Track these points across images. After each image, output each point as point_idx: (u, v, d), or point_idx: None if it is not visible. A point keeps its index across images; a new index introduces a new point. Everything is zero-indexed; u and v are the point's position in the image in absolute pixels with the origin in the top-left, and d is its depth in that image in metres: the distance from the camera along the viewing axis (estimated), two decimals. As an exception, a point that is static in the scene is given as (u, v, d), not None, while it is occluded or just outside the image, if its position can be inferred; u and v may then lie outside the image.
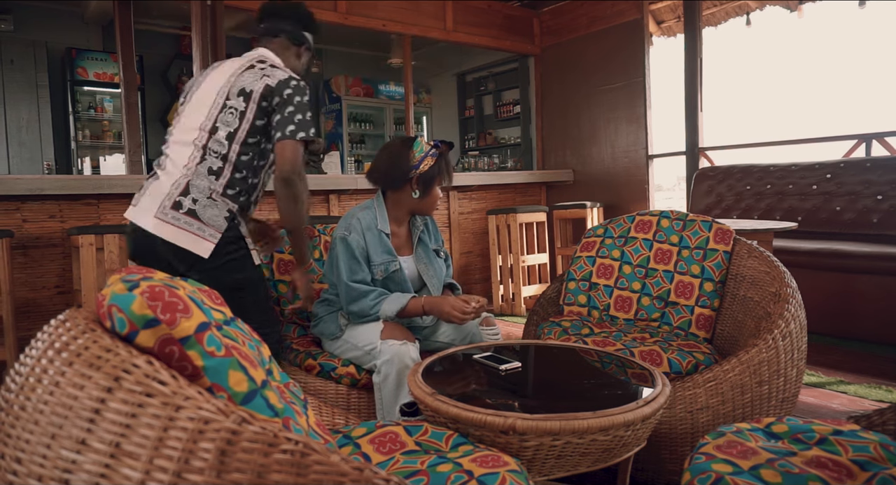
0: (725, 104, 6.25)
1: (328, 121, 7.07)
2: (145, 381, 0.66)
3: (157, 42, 5.87)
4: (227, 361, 0.80)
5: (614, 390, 1.49)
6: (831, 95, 6.16)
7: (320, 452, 0.63)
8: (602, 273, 2.35)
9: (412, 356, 1.74)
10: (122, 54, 4.23)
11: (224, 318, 0.92)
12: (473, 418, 1.22)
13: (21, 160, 5.23)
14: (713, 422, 1.63)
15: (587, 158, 5.16)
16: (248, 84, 1.71)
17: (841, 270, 3.15)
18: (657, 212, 2.38)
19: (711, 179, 4.25)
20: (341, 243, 1.88)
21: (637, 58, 4.72)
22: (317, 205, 3.82)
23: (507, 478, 1.03)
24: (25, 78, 5.22)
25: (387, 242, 1.92)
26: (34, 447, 0.67)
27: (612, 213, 4.77)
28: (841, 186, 3.60)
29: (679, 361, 1.81)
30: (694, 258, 2.18)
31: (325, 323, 1.97)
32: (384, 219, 1.93)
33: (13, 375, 0.75)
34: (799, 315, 1.77)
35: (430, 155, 1.89)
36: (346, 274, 1.86)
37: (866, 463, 1.01)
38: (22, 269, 2.86)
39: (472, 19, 5.09)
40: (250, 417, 0.65)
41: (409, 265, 1.99)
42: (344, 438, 1.22)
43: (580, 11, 5.12)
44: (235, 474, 0.60)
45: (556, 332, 2.11)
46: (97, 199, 3.03)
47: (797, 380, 1.75)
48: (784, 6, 4.21)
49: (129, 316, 0.75)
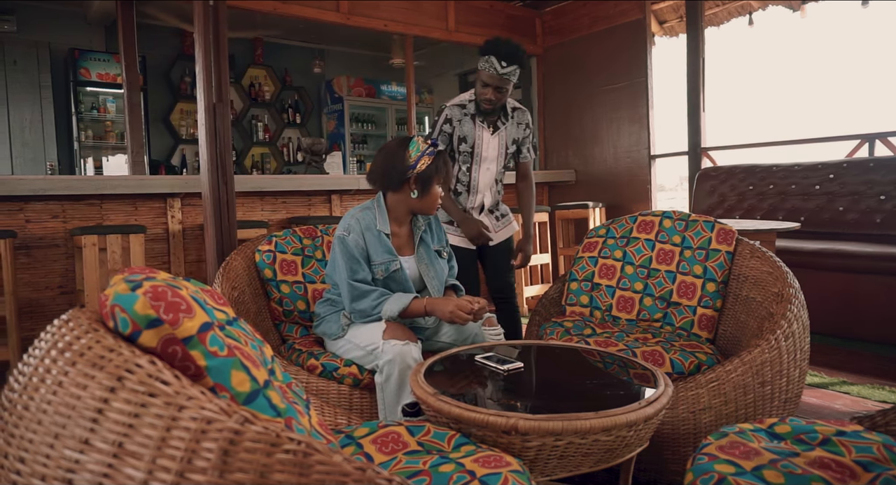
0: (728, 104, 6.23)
1: (330, 121, 7.07)
2: (148, 381, 0.66)
3: (160, 42, 5.88)
4: (229, 361, 0.80)
5: (617, 390, 1.49)
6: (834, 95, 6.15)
7: (323, 452, 0.63)
8: (604, 273, 2.34)
9: (414, 356, 1.74)
10: (125, 55, 4.25)
11: (226, 318, 0.92)
12: (476, 419, 1.22)
13: (24, 161, 5.24)
14: (716, 422, 1.63)
15: (589, 158, 5.16)
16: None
17: (844, 270, 3.14)
18: (659, 212, 2.38)
19: (714, 179, 4.24)
20: (340, 243, 1.89)
21: (639, 58, 4.71)
22: (318, 205, 3.83)
23: (510, 478, 1.03)
24: (28, 78, 5.23)
25: (387, 242, 1.92)
26: (38, 447, 0.67)
27: (614, 213, 4.77)
28: (844, 186, 3.60)
29: (681, 362, 1.81)
30: (696, 259, 2.18)
31: (327, 323, 1.97)
32: (384, 219, 1.93)
33: (17, 374, 0.75)
34: (802, 315, 1.77)
35: (426, 154, 1.89)
36: (347, 273, 1.86)
37: (869, 464, 1.01)
38: (25, 269, 2.87)
39: (474, 19, 5.09)
40: (253, 417, 0.65)
41: (411, 265, 1.98)
42: (346, 438, 1.22)
43: (582, 11, 5.12)
44: (238, 474, 0.60)
45: (558, 332, 2.11)
46: (100, 199, 3.04)
47: (800, 380, 1.75)
48: (787, 6, 4.20)
49: (132, 316, 0.75)
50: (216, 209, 2.35)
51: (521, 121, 2.59)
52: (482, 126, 2.50)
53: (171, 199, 3.22)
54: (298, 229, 2.33)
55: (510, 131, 2.56)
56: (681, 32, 4.69)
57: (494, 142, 2.52)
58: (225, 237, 2.37)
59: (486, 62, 2.32)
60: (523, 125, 2.59)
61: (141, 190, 3.04)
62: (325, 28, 5.31)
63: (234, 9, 4.10)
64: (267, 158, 6.75)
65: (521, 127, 2.59)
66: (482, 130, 2.50)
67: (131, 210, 3.14)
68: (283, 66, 6.85)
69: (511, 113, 2.56)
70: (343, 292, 1.89)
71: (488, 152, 2.52)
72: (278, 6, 4.17)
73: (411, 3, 4.74)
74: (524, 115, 2.61)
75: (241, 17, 5.26)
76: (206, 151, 2.34)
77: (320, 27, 5.17)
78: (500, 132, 2.53)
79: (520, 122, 2.58)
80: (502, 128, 2.54)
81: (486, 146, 2.51)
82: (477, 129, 2.50)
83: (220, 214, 2.36)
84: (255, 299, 2.10)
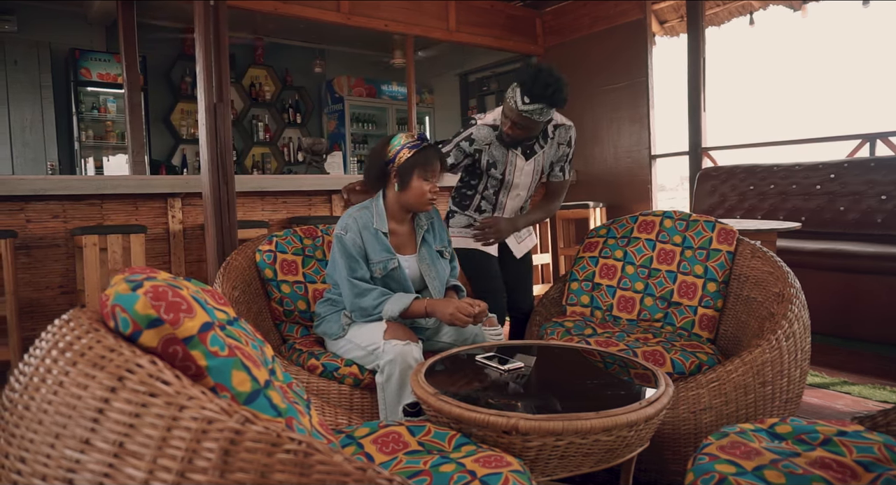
0: (728, 104, 6.24)
1: (331, 121, 7.07)
2: (149, 381, 0.66)
3: (161, 42, 5.88)
4: (230, 361, 0.80)
5: (617, 390, 1.49)
6: (835, 95, 6.14)
7: (323, 452, 0.63)
8: (605, 273, 2.34)
9: (415, 356, 1.74)
10: (126, 55, 4.25)
11: (227, 318, 0.92)
12: (476, 419, 1.22)
13: (25, 161, 5.24)
14: (716, 422, 1.63)
15: (590, 158, 5.16)
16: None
17: (845, 270, 3.13)
18: (660, 212, 2.38)
19: (714, 179, 4.24)
20: (338, 242, 1.90)
21: (640, 58, 4.71)
22: (319, 205, 3.83)
23: (510, 478, 1.03)
24: (29, 79, 5.23)
25: (384, 241, 1.92)
26: (38, 447, 0.67)
27: (614, 213, 4.77)
28: (845, 185, 3.59)
29: (682, 362, 1.81)
30: (697, 258, 2.18)
31: (327, 323, 1.98)
32: (381, 218, 1.94)
33: (17, 374, 0.75)
34: (802, 315, 1.77)
35: (406, 147, 1.90)
36: (346, 271, 1.87)
37: (870, 464, 1.01)
38: (25, 269, 2.87)
39: (474, 19, 5.09)
40: (253, 416, 0.65)
41: (411, 264, 1.98)
42: (347, 438, 1.22)
43: (583, 11, 5.11)
44: (239, 474, 0.60)
45: (558, 332, 2.11)
46: (100, 199, 3.04)
47: (801, 381, 1.75)
48: (787, 6, 4.19)
49: (132, 316, 0.75)
50: (217, 209, 2.35)
51: (563, 140, 2.28)
52: (515, 151, 2.22)
53: (172, 199, 3.22)
54: (299, 229, 2.33)
55: (548, 154, 2.28)
56: (681, 32, 4.69)
57: (529, 168, 2.27)
58: (225, 237, 2.37)
59: (511, 90, 2.03)
60: (564, 145, 2.29)
61: (141, 190, 3.04)
62: (325, 28, 5.31)
63: (235, 9, 4.10)
64: (267, 157, 6.76)
65: (561, 147, 2.29)
66: (514, 156, 2.23)
67: (132, 210, 3.14)
68: (284, 66, 6.85)
69: (552, 132, 2.26)
70: (343, 291, 1.89)
71: (520, 180, 2.28)
72: (279, 6, 4.17)
73: (412, 3, 4.74)
74: (567, 131, 2.29)
75: (241, 17, 5.26)
76: (207, 151, 2.34)
77: (321, 27, 5.17)
78: (536, 157, 2.26)
79: (561, 141, 2.28)
80: (539, 152, 2.25)
81: (518, 173, 2.26)
82: (510, 154, 2.23)
83: (221, 214, 2.36)
84: (256, 299, 2.10)
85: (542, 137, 2.25)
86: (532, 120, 2.03)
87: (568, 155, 2.33)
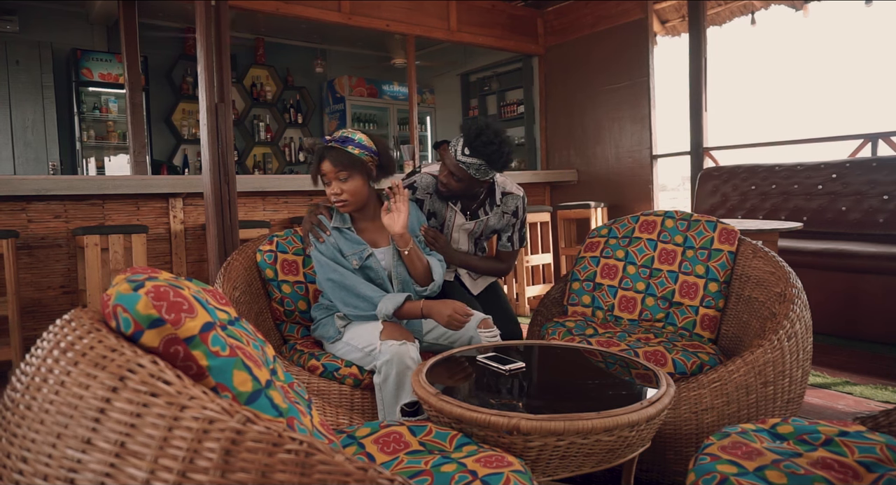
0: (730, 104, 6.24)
1: (332, 121, 7.07)
2: (150, 381, 0.66)
3: (162, 43, 5.89)
4: (231, 361, 0.80)
5: (619, 390, 1.49)
6: (837, 95, 6.14)
7: (324, 452, 0.63)
8: (606, 273, 2.34)
9: (412, 356, 1.74)
10: (127, 55, 4.25)
11: (228, 318, 0.92)
12: (477, 419, 1.22)
13: (26, 161, 5.25)
14: (718, 423, 1.63)
15: (591, 157, 5.16)
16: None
17: (846, 270, 3.13)
18: (661, 212, 2.37)
19: (716, 178, 4.23)
20: (315, 251, 1.96)
21: (641, 57, 4.71)
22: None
23: (511, 478, 1.03)
24: (31, 79, 5.24)
25: (351, 235, 1.95)
26: (40, 447, 0.67)
27: (616, 213, 4.77)
28: (846, 185, 3.59)
29: (684, 362, 1.81)
30: (698, 258, 2.17)
31: (323, 326, 1.98)
32: (340, 216, 1.97)
33: (19, 374, 0.75)
34: (804, 316, 1.76)
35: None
36: (327, 270, 1.90)
37: (872, 464, 1.00)
38: (27, 269, 2.87)
39: (475, 19, 5.09)
40: (255, 416, 0.65)
41: (385, 256, 1.99)
42: (348, 438, 1.22)
43: (584, 11, 5.11)
44: (240, 474, 0.60)
45: (560, 332, 2.11)
46: (102, 199, 3.04)
47: (802, 381, 1.74)
48: (789, 5, 4.19)
49: (134, 316, 0.75)
50: (218, 209, 2.36)
51: (508, 209, 2.23)
52: (454, 207, 2.18)
53: (173, 199, 3.22)
54: (300, 229, 2.33)
55: (492, 221, 2.22)
56: (683, 32, 4.69)
57: (468, 227, 2.23)
58: (227, 237, 2.37)
59: (456, 140, 2.01)
60: (509, 214, 2.24)
61: (143, 190, 3.05)
62: (326, 28, 5.31)
63: (236, 9, 4.11)
64: (269, 157, 6.76)
65: (505, 216, 2.23)
66: (454, 213, 2.18)
67: (133, 210, 3.14)
68: (285, 66, 6.86)
69: (500, 199, 2.21)
70: (330, 292, 1.91)
71: (458, 235, 2.24)
72: (280, 6, 4.18)
73: (413, 3, 4.74)
74: (514, 201, 2.24)
75: (242, 17, 5.27)
76: (208, 151, 2.34)
77: (322, 27, 5.18)
78: (479, 221, 2.21)
79: (505, 211, 2.23)
80: (483, 218, 2.20)
81: (456, 229, 2.21)
82: (448, 209, 2.19)
83: (222, 214, 2.37)
84: (257, 299, 2.10)
85: (489, 203, 2.23)
86: (467, 173, 2.02)
87: (514, 225, 2.28)
